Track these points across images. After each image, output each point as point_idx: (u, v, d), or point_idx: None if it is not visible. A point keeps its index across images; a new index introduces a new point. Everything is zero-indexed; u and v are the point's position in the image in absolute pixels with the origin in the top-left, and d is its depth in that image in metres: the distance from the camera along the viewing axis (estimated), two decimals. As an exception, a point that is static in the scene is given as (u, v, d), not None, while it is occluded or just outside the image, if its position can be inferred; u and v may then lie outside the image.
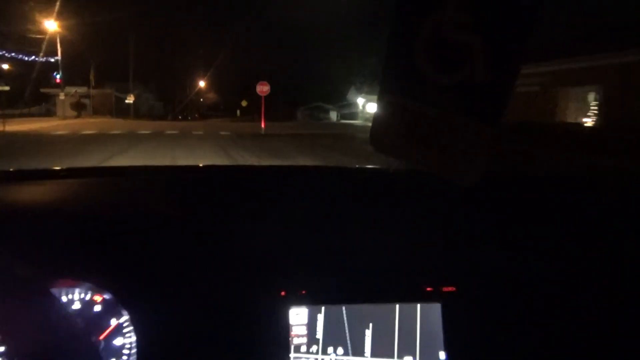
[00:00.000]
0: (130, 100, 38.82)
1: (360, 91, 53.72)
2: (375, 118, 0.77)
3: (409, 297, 0.84)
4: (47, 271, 0.79)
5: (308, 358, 0.84)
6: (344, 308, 0.82)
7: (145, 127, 22.27)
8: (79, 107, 40.53)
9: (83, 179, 1.13)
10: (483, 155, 0.65)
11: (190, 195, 1.07)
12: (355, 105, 57.51)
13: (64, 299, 0.81)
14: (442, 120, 0.70)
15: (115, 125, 24.64)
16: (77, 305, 0.82)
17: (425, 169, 0.70)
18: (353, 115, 57.76)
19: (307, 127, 27.76)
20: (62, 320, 0.76)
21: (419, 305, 0.84)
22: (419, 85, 0.72)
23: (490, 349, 0.84)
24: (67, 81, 38.44)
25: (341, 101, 55.43)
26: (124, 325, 0.82)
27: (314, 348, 0.83)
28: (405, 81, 0.74)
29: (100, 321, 0.82)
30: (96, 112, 41.00)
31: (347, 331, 0.84)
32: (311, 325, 0.82)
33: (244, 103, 39.85)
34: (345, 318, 0.83)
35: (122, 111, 42.79)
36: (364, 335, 0.84)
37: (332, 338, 0.83)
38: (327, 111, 53.67)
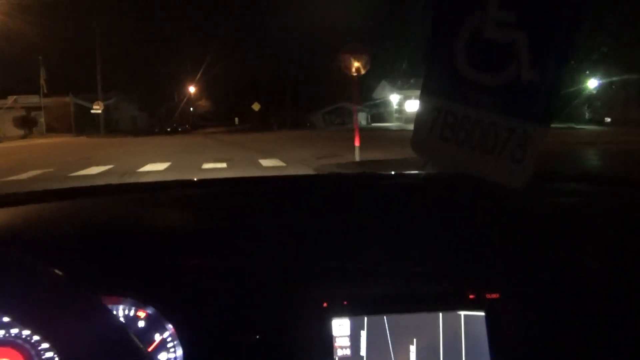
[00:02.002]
0: (97, 109, 26.63)
1: (393, 86, 40.74)
2: (417, 121, 0.76)
3: (452, 304, 0.88)
4: (89, 289, 0.83)
5: None
6: (385, 318, 0.88)
7: (92, 160, 13.31)
8: (26, 124, 28.24)
9: (120, 196, 1.20)
10: (532, 157, 0.64)
11: (230, 207, 1.13)
12: (388, 103, 44.50)
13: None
14: (488, 121, 0.69)
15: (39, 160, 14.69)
16: (122, 322, 0.88)
17: (471, 172, 0.70)
18: (385, 117, 44.82)
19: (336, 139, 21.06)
20: (113, 333, 0.79)
21: (462, 316, 0.88)
22: (463, 87, 0.71)
23: (538, 357, 0.87)
24: (8, 89, 26.38)
25: (370, 100, 42.98)
26: (168, 340, 0.88)
27: None
28: (448, 83, 0.73)
29: (144, 336, 0.88)
30: (51, 129, 28.52)
31: (390, 347, 0.88)
32: (354, 336, 0.88)
33: (255, 107, 28.34)
34: (387, 331, 0.88)
35: (90, 125, 30.46)
36: (408, 351, 0.88)
37: (377, 354, 0.88)
38: (348, 114, 41.68)
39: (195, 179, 1.34)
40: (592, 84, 32.49)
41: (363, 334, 0.88)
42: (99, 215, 1.08)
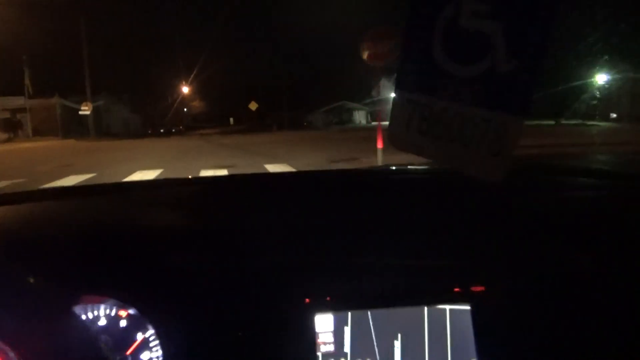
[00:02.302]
0: (86, 110, 24.94)
1: (394, 83, 38.44)
2: (393, 115, 0.77)
3: (437, 298, 0.89)
4: (70, 288, 0.87)
5: None
6: (369, 313, 0.88)
7: (74, 168, 11.91)
8: (11, 127, 26.52)
9: (103, 196, 1.22)
10: (510, 148, 0.65)
11: (210, 205, 1.14)
12: (388, 102, 42.09)
13: (89, 315, 0.90)
14: (465, 114, 0.70)
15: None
16: (103, 322, 0.90)
17: (448, 166, 0.72)
18: (385, 115, 42.69)
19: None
20: (85, 339, 0.81)
21: (448, 310, 0.89)
22: (439, 79, 0.72)
23: (523, 352, 0.88)
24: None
25: (369, 98, 41.39)
26: (150, 339, 0.89)
27: None
28: (423, 76, 0.74)
29: (126, 336, 0.89)
30: (38, 132, 26.81)
31: (375, 342, 0.88)
32: (338, 332, 0.88)
33: (252, 106, 26.87)
34: (372, 326, 0.89)
35: (78, 128, 28.74)
36: (393, 346, 0.89)
37: (360, 350, 0.88)
38: (349, 112, 39.95)
39: (177, 178, 1.34)
40: (601, 79, 31.14)
41: (347, 329, 0.88)
42: (82, 215, 1.09)
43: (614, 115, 30.26)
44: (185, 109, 54.28)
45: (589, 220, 1.01)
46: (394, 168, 1.41)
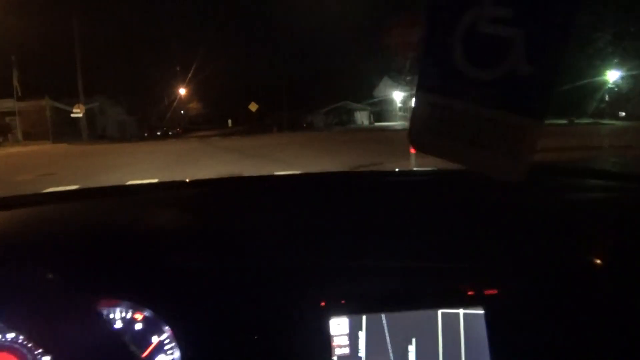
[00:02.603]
0: (78, 113, 23.66)
1: (396, 82, 37.86)
2: (414, 117, 0.79)
3: (450, 301, 0.90)
4: (88, 291, 0.87)
5: None
6: (384, 317, 0.90)
7: (56, 178, 10.57)
8: (0, 131, 25.30)
9: (117, 198, 1.23)
10: (529, 151, 0.67)
11: (226, 207, 1.16)
12: (391, 101, 41.48)
13: (106, 318, 0.91)
14: (485, 116, 0.71)
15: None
16: (119, 324, 0.91)
17: (469, 168, 0.74)
18: (388, 115, 41.93)
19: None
20: (108, 338, 0.82)
21: (462, 314, 0.91)
22: (459, 82, 0.73)
23: (537, 356, 0.89)
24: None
25: (371, 97, 40.25)
26: (166, 342, 0.90)
27: None
28: (444, 78, 0.75)
29: (142, 339, 0.90)
30: (28, 135, 25.51)
31: (389, 346, 0.90)
32: (353, 335, 0.90)
33: (252, 107, 25.60)
34: (386, 330, 0.90)
35: (71, 131, 27.42)
36: (407, 350, 0.90)
37: (375, 353, 0.90)
38: (351, 112, 38.80)
39: (190, 180, 1.35)
40: (612, 76, 29.99)
41: (362, 333, 0.90)
42: (96, 218, 1.10)
43: (623, 114, 29.39)
44: (182, 111, 53.49)
45: (600, 222, 1.02)
46: (400, 171, 1.47)
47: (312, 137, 24.25)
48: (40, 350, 0.84)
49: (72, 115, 28.21)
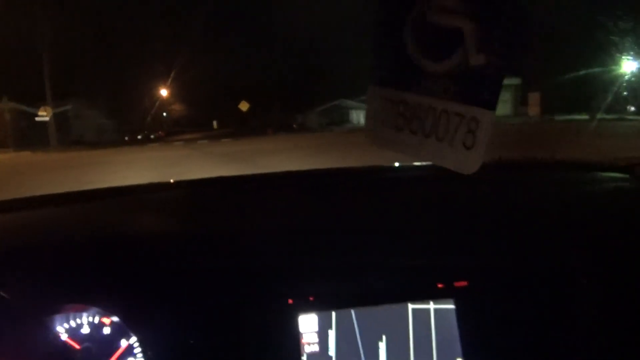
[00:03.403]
0: (44, 116, 20.41)
1: None
2: (369, 111, 0.79)
3: (420, 295, 0.93)
4: (51, 297, 0.90)
5: None
6: (353, 313, 0.92)
7: None
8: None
9: (85, 202, 1.25)
10: (482, 142, 0.68)
11: (192, 209, 1.17)
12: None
13: (72, 323, 0.93)
14: (439, 108, 0.72)
15: None
16: (86, 330, 0.93)
17: (425, 161, 0.76)
18: None
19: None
20: (65, 349, 0.85)
21: (432, 309, 0.93)
22: (412, 75, 0.74)
23: (508, 349, 0.91)
24: None
25: (364, 94, 36.49)
26: (135, 346, 0.92)
27: None
28: (397, 72, 0.75)
29: (110, 343, 0.92)
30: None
31: (359, 342, 0.92)
32: (322, 332, 0.91)
33: (243, 106, 22.86)
34: (356, 326, 0.92)
35: (39, 137, 24.03)
36: (378, 346, 0.92)
37: (346, 350, 0.92)
38: (345, 113, 35.94)
39: (160, 182, 1.37)
40: (629, 66, 27.48)
41: (331, 329, 0.91)
42: (62, 223, 1.12)
43: (632, 109, 27.40)
44: (164, 113, 50.26)
45: (572, 214, 1.05)
46: (368, 168, 1.47)
47: (315, 140, 21.38)
48: None
49: (37, 119, 24.82)
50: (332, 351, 0.91)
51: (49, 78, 25.78)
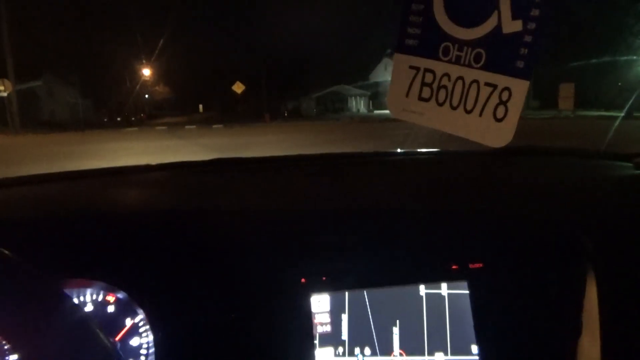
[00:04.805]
0: (1, 91, 16.70)
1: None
2: (394, 82, 0.75)
3: (434, 276, 0.94)
4: (56, 272, 0.87)
5: None
6: (366, 294, 0.93)
7: None
8: None
9: (91, 179, 1.24)
10: (515, 114, 0.64)
11: (202, 187, 1.17)
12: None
13: (75, 301, 0.92)
14: (469, 78, 0.68)
15: None
16: (89, 307, 0.92)
17: (450, 132, 0.71)
18: (386, 103, 34.68)
19: None
20: (76, 322, 0.81)
21: (446, 293, 0.94)
22: (440, 42, 0.70)
23: (522, 332, 0.93)
24: None
25: (366, 80, 34.30)
26: (140, 324, 0.91)
27: (340, 350, 0.92)
28: (425, 40, 0.71)
29: (115, 322, 0.91)
30: None
31: (372, 323, 0.92)
32: (335, 312, 0.92)
33: (237, 88, 19.23)
34: (369, 307, 0.93)
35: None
36: (391, 328, 0.93)
37: (358, 331, 0.93)
38: (343, 99, 33.01)
39: (168, 162, 1.34)
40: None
41: (344, 310, 0.92)
42: (67, 199, 1.11)
43: None
44: (147, 95, 46.94)
45: (584, 198, 1.07)
46: (383, 151, 1.45)
47: (324, 129, 18.09)
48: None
49: (-5, 95, 21.20)
50: (344, 332, 0.91)
51: (9, 46, 22.28)
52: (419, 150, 1.40)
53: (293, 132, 18.42)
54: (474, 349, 0.92)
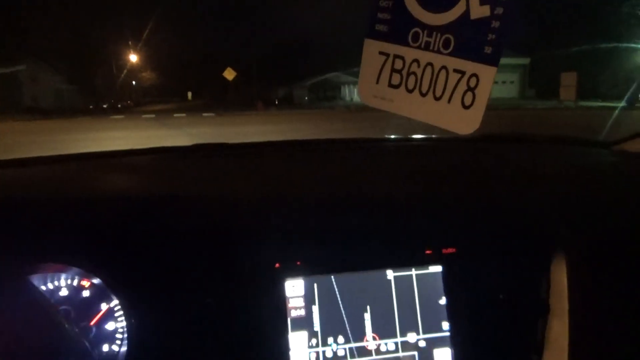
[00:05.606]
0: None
1: None
2: (364, 69, 0.75)
3: (409, 261, 0.96)
4: (28, 257, 0.88)
5: (309, 352, 0.93)
6: (337, 278, 0.93)
7: None
8: None
9: (66, 163, 1.23)
10: (482, 101, 0.64)
11: (177, 172, 1.16)
12: None
13: (49, 285, 0.93)
14: (437, 64, 0.68)
15: None
16: (64, 292, 0.93)
17: (419, 119, 0.72)
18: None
19: None
20: (42, 309, 0.81)
21: (414, 275, 0.96)
22: (409, 28, 0.70)
23: (494, 315, 0.95)
24: None
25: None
26: (116, 309, 0.92)
27: (313, 341, 0.93)
28: (395, 25, 0.71)
29: (90, 306, 0.92)
30: None
31: (342, 307, 0.93)
32: (308, 297, 0.93)
33: (228, 74, 18.37)
34: (340, 291, 0.93)
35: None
36: (363, 319, 0.94)
37: (330, 325, 0.94)
38: (336, 88, 32.58)
39: (147, 147, 1.33)
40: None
41: (317, 294, 0.93)
42: (43, 183, 1.10)
43: None
44: (134, 82, 45.59)
45: (556, 185, 1.08)
46: (356, 138, 1.43)
47: (323, 118, 17.17)
48: None
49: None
50: (316, 316, 0.92)
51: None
52: (396, 137, 1.41)
53: (291, 121, 17.50)
54: (445, 325, 0.95)
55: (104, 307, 0.90)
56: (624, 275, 0.94)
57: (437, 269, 0.96)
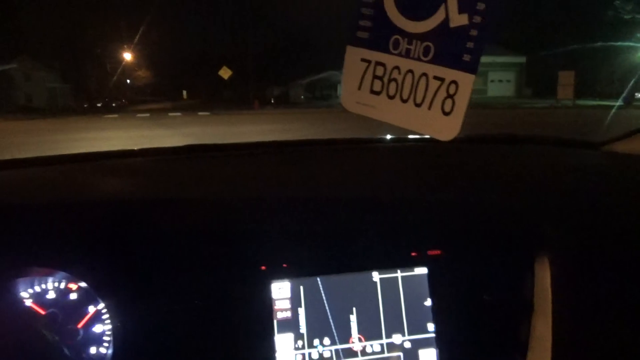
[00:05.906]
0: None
1: None
2: (346, 75, 0.77)
3: (393, 262, 0.97)
4: (15, 260, 0.89)
5: (295, 354, 0.94)
6: (324, 280, 0.94)
7: None
8: None
9: (54, 166, 1.23)
10: (462, 108, 0.66)
11: (163, 175, 1.17)
12: None
13: (36, 288, 0.94)
14: (417, 72, 0.70)
15: None
16: (51, 295, 0.93)
17: (402, 126, 0.73)
18: None
19: None
20: (28, 313, 0.84)
21: (399, 277, 0.97)
22: (390, 35, 0.71)
23: (479, 316, 0.96)
24: None
25: None
26: (103, 311, 0.93)
27: (299, 343, 0.94)
28: (376, 33, 0.73)
29: (77, 309, 0.92)
30: None
31: (328, 310, 0.94)
32: (295, 299, 0.94)
33: (224, 73, 18.49)
34: (327, 293, 0.93)
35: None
36: (349, 321, 0.95)
37: (317, 327, 0.94)
38: (332, 86, 32.71)
39: (137, 149, 1.34)
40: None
41: (303, 296, 0.94)
42: (30, 186, 1.09)
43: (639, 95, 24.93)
44: (128, 80, 45.37)
45: (543, 186, 1.08)
46: (338, 139, 1.43)
47: (324, 117, 17.14)
48: None
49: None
50: (302, 318, 0.93)
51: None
52: (381, 137, 1.41)
53: (289, 120, 17.17)
54: (430, 326, 0.96)
55: (91, 309, 0.90)
56: (607, 275, 0.95)
57: (422, 270, 0.97)
